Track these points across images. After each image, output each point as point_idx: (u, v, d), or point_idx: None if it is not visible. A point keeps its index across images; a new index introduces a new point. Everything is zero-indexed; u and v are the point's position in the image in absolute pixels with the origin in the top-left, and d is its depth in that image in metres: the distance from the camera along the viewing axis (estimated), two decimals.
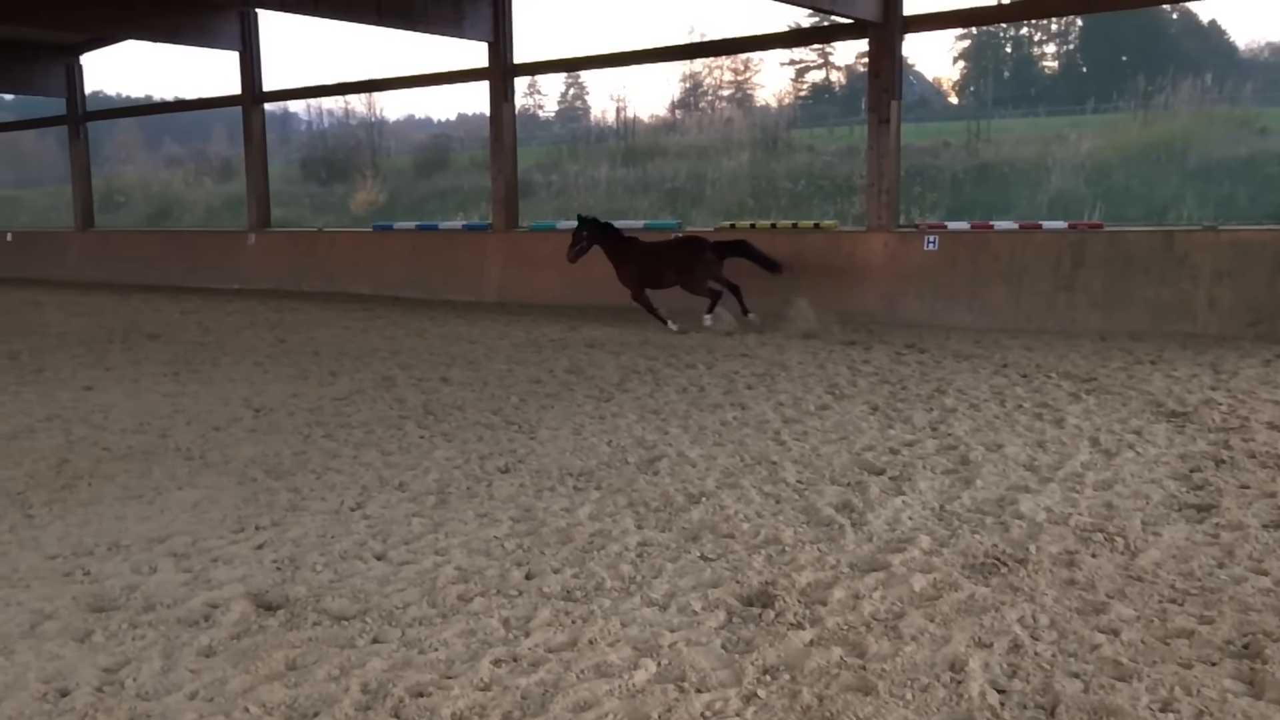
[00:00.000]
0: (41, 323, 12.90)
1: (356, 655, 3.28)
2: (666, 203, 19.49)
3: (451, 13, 13.63)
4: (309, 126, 43.07)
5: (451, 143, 31.08)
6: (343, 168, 29.59)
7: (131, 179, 34.98)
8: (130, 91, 35.52)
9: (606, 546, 4.29)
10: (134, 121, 29.12)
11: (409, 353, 9.88)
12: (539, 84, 49.90)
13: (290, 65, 41.99)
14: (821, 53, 42.90)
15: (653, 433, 6.35)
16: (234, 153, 30.32)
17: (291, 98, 18.86)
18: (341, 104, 39.87)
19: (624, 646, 3.32)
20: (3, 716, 2.91)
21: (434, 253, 15.56)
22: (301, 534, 4.53)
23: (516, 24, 14.76)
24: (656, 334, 10.72)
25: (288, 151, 35.06)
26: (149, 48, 20.85)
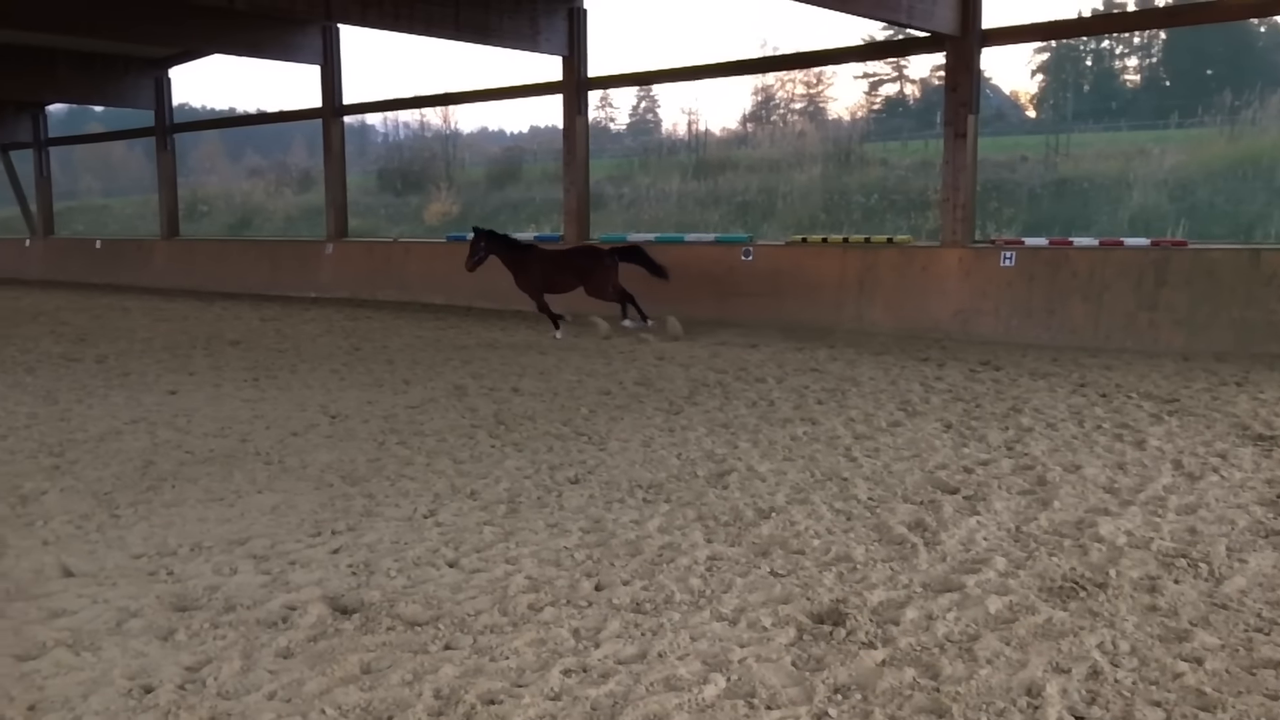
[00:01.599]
0: (128, 328, 13.29)
1: (429, 661, 3.33)
2: (737, 216, 19.45)
3: (527, 27, 13.79)
4: (385, 138, 43.88)
5: (524, 155, 31.43)
6: (418, 179, 30.07)
7: (215, 189, 35.95)
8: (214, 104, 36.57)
9: (676, 560, 4.29)
10: (217, 133, 29.98)
11: (480, 362, 9.99)
12: (611, 97, 50.21)
13: (368, 78, 42.94)
14: (896, 65, 42.52)
15: (722, 446, 6.34)
16: (313, 164, 30.99)
17: (370, 110, 19.23)
18: (417, 116, 40.58)
19: (693, 660, 3.32)
20: (89, 712, 3.00)
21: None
22: (376, 539, 4.60)
23: (590, 38, 14.90)
24: (728, 348, 10.71)
25: (365, 163, 35.76)
26: (232, 61, 21.50)
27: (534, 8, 13.88)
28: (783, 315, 12.50)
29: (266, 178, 36.65)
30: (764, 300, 12.77)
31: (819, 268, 12.47)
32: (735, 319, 12.76)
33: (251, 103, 59.04)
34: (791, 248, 13.02)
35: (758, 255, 13.08)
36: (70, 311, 15.69)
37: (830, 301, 12.18)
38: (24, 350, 11.02)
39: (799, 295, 12.53)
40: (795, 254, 12.83)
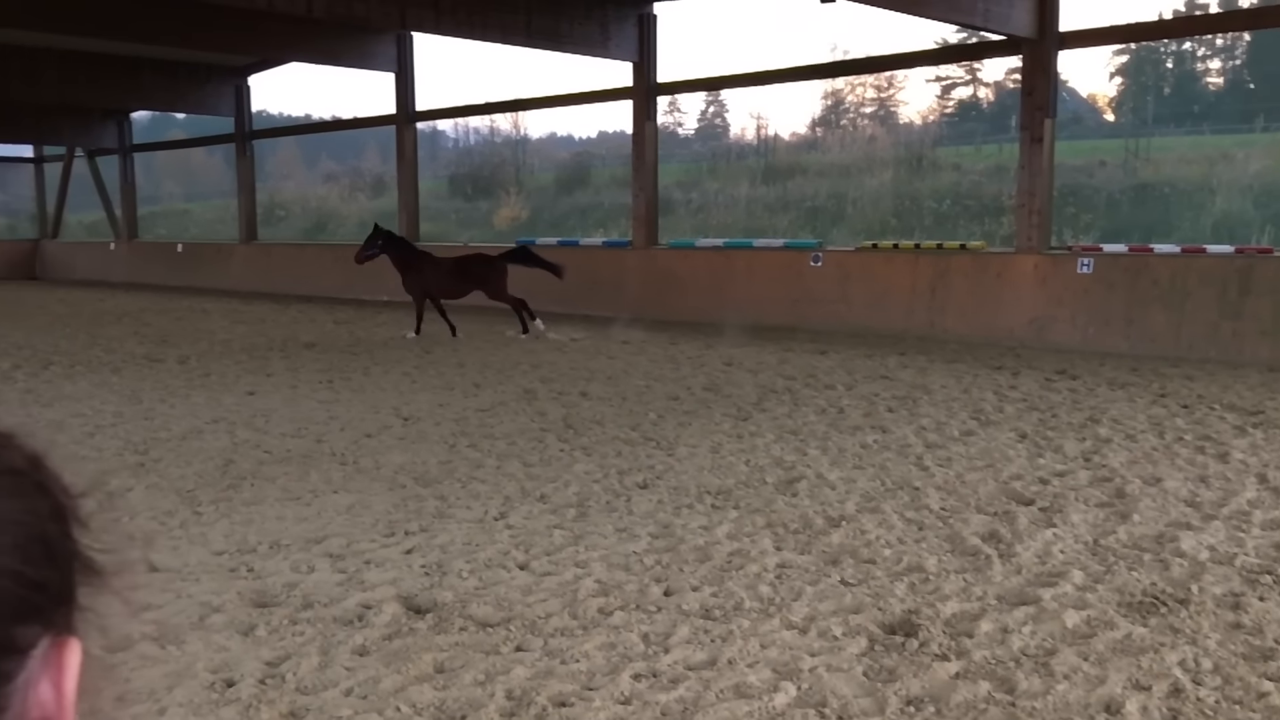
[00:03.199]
0: (208, 330, 13.64)
1: (501, 662, 3.37)
2: (806, 221, 19.33)
3: (598, 34, 13.88)
4: (456, 144, 44.44)
5: (592, 160, 31.59)
6: (488, 184, 30.40)
7: (291, 194, 36.72)
8: (290, 111, 37.35)
9: (745, 566, 4.28)
10: (294, 139, 30.59)
11: (549, 366, 10.07)
12: (679, 102, 50.22)
13: (439, 84, 43.54)
14: (969, 68, 41.89)
15: (791, 453, 6.31)
16: (385, 169, 31.52)
17: (443, 117, 19.51)
18: (487, 122, 41.01)
19: (763, 668, 3.31)
20: (174, 703, 3.09)
21: (574, 268, 15.80)
22: (448, 540, 4.66)
23: (659, 44, 14.95)
24: (797, 354, 10.65)
25: (436, 168, 36.23)
26: (308, 69, 22.01)
27: (604, 14, 13.96)
28: (852, 321, 12.40)
29: (341, 183, 37.33)
30: (833, 306, 12.69)
31: (889, 274, 12.35)
32: (804, 325, 12.69)
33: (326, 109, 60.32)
34: (861, 253, 12.91)
35: (827, 261, 13.00)
36: (153, 313, 16.15)
37: (901, 308, 12.05)
38: (109, 351, 11.36)
39: (869, 301, 12.42)
40: (865, 260, 12.72)
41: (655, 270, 14.78)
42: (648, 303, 14.63)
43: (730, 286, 13.69)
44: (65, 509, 0.62)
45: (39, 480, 0.61)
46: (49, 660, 0.59)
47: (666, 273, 14.59)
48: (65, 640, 0.60)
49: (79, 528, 0.62)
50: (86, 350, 11.38)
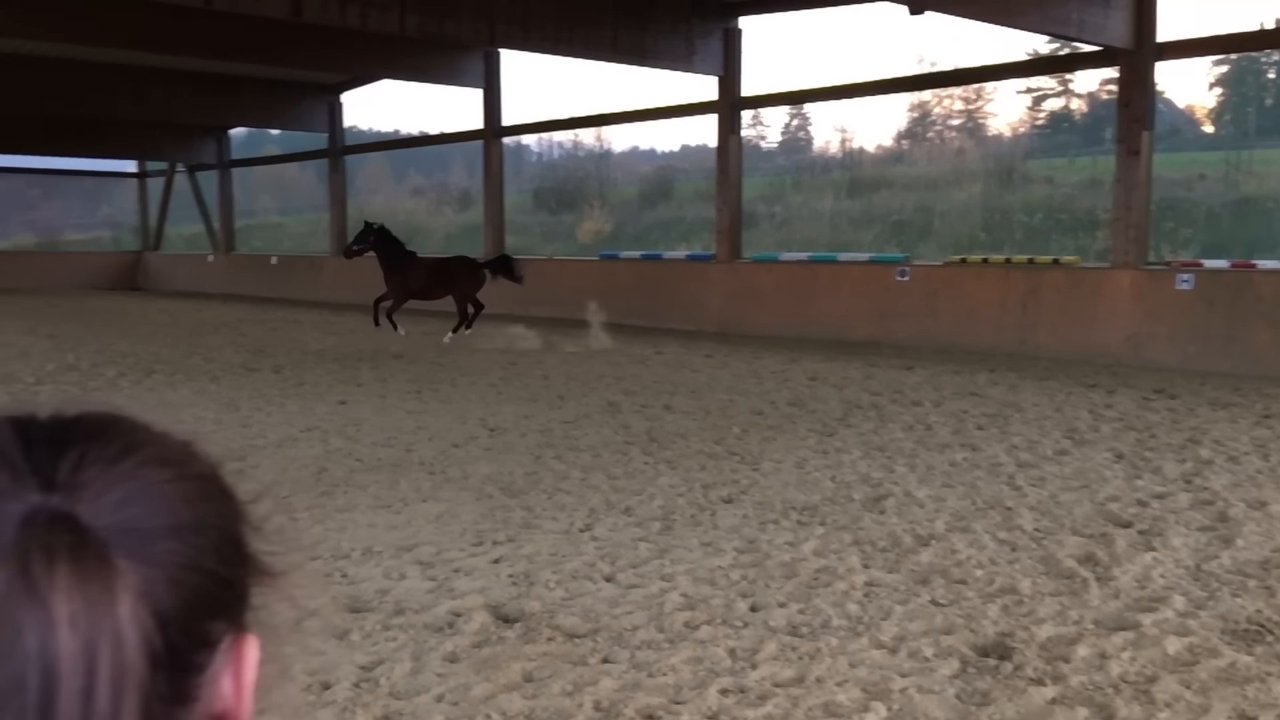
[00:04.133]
0: (301, 340, 14.00)
1: (589, 673, 3.38)
2: (892, 235, 19.09)
3: (683, 48, 13.93)
4: (540, 158, 44.90)
5: (675, 174, 31.65)
6: (571, 198, 30.65)
7: (380, 208, 37.47)
8: (378, 126, 38.15)
9: (832, 584, 4.24)
10: (382, 154, 31.21)
11: (632, 379, 10.10)
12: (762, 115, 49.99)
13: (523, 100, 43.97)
14: (1061, 79, 40.97)
15: (878, 470, 6.24)
16: (471, 184, 31.98)
17: (528, 132, 19.75)
18: (570, 136, 41.37)
19: (852, 687, 3.27)
20: (272, 705, 3.16)
21: (658, 282, 15.89)
22: (535, 551, 4.71)
23: (744, 57, 14.94)
24: (882, 370, 10.53)
25: (520, 182, 36.61)
26: (396, 85, 22.48)
27: (690, 29, 14.01)
28: (940, 337, 12.22)
29: (428, 197, 37.98)
30: (920, 321, 12.51)
31: (979, 289, 12.14)
32: (889, 340, 12.55)
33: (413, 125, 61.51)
34: (950, 268, 12.72)
35: (914, 275, 12.83)
36: (249, 324, 16.62)
37: (990, 324, 11.84)
38: (208, 360, 11.73)
39: (957, 317, 12.23)
40: (954, 274, 12.52)
41: (738, 284, 14.76)
42: (730, 316, 14.60)
43: (814, 301, 13.61)
44: (243, 513, 0.65)
45: (222, 485, 0.64)
46: (231, 656, 0.62)
47: (749, 287, 14.55)
48: (244, 637, 0.63)
49: (253, 530, 0.65)
50: (186, 359, 11.76)
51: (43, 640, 0.51)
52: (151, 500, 0.58)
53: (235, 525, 0.64)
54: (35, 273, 27.62)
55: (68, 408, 0.64)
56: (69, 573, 0.52)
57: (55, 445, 0.59)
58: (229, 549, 0.62)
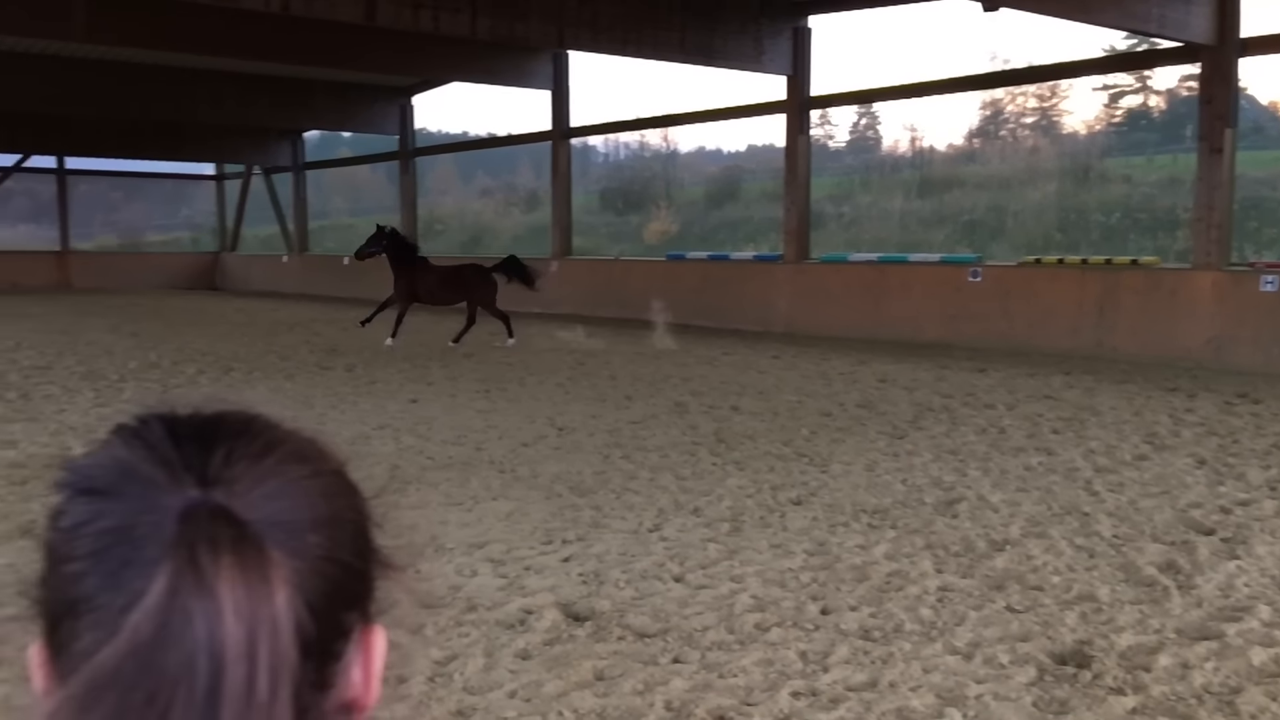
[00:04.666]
0: (373, 339, 14.20)
1: (659, 672, 3.39)
2: (964, 235, 18.81)
3: (751, 48, 13.89)
4: (606, 159, 45.06)
5: (742, 174, 31.54)
6: (638, 198, 30.71)
7: (449, 209, 37.92)
8: (447, 128, 38.61)
9: (905, 588, 4.19)
10: (451, 156, 31.59)
11: (699, 380, 10.09)
12: (830, 114, 49.50)
13: (589, 100, 44.17)
14: (1139, 76, 40.01)
15: (950, 474, 6.15)
16: (538, 185, 32.22)
17: (596, 133, 19.85)
18: (637, 137, 41.44)
19: (926, 693, 3.24)
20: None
21: (724, 283, 15.85)
22: (604, 550, 4.73)
23: (813, 57, 14.84)
24: (954, 372, 10.38)
25: (587, 183, 36.77)
26: (463, 88, 22.76)
27: (758, 29, 13.96)
28: (1013, 339, 12.01)
29: (496, 198, 38.33)
30: (993, 323, 12.32)
31: (1054, 290, 11.91)
32: (961, 341, 12.37)
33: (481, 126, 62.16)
34: (1024, 269, 12.51)
35: (986, 276, 12.64)
36: (322, 323, 16.94)
37: (1066, 326, 11.62)
38: (283, 358, 11.97)
39: (1031, 318, 12.01)
40: (1028, 275, 12.31)
41: (806, 285, 14.67)
42: (798, 318, 14.52)
43: (884, 302, 13.47)
44: (369, 507, 0.67)
45: (350, 481, 0.66)
46: (360, 645, 0.64)
47: (818, 287, 14.46)
48: (372, 627, 0.65)
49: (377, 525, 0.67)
50: (262, 357, 12.02)
51: (211, 628, 0.53)
52: (295, 495, 0.61)
53: (364, 519, 0.66)
54: (118, 272, 28.43)
55: (204, 405, 0.66)
56: (232, 564, 0.55)
57: (204, 442, 0.62)
58: (361, 542, 0.64)
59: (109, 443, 0.64)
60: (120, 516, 0.58)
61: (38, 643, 0.63)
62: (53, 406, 8.46)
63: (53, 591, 0.60)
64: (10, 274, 26.86)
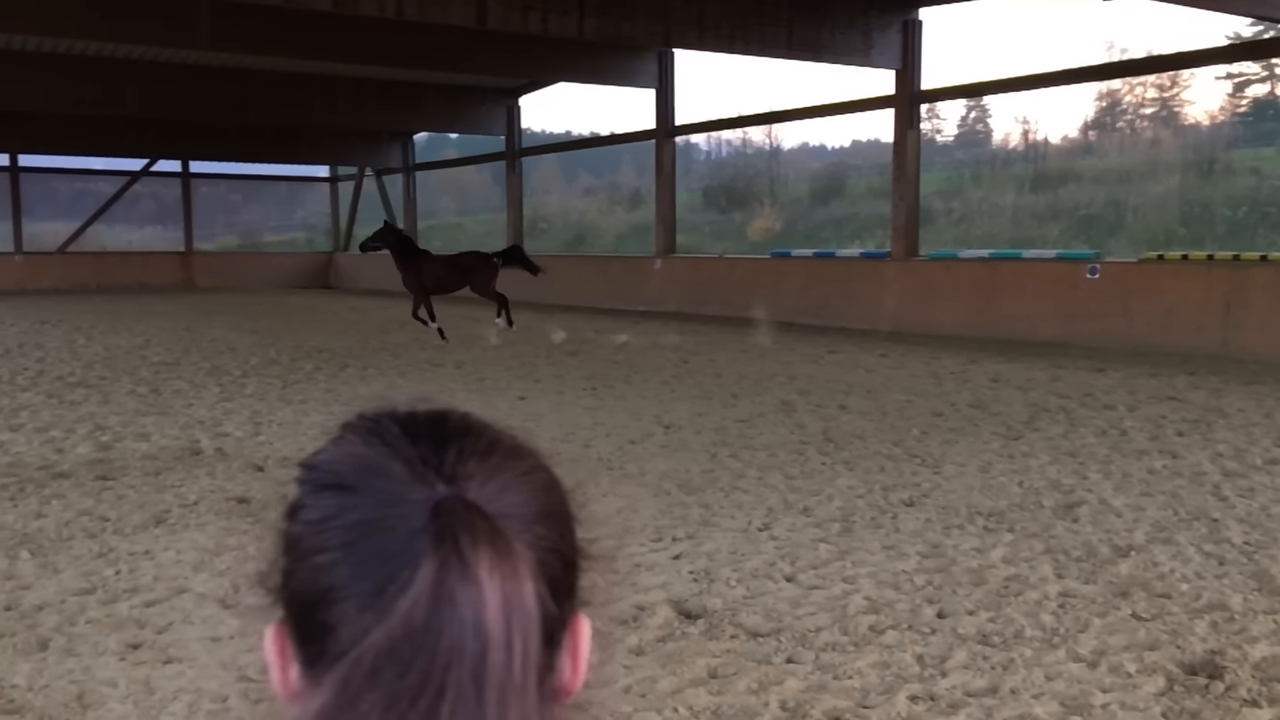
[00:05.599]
0: (480, 337, 14.47)
1: (773, 672, 3.38)
2: (1080, 231, 18.23)
3: (860, 42, 13.71)
4: (708, 156, 44.98)
5: (847, 170, 31.15)
6: (741, 196, 30.60)
7: (553, 208, 38.36)
8: (550, 128, 39.02)
9: (1024, 593, 4.10)
10: (553, 155, 31.96)
11: (806, 379, 10.01)
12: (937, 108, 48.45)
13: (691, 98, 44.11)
14: (1267, 64, 38.22)
15: (1069, 476, 5.98)
16: (641, 183, 32.37)
17: (702, 130, 19.85)
18: (739, 134, 41.26)
19: (1050, 700, 3.16)
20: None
21: (830, 280, 15.69)
22: (714, 549, 4.73)
23: (924, 50, 14.58)
24: (1070, 371, 10.09)
25: (689, 181, 36.75)
26: (566, 87, 23.00)
27: (867, 22, 13.77)
28: (1133, 338, 11.61)
29: (599, 197, 38.62)
30: (1111, 321, 11.93)
31: (1177, 287, 11.48)
32: (1077, 340, 12.01)
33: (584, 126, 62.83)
34: (1145, 265, 12.08)
35: (1105, 273, 12.24)
36: None
37: (1190, 324, 11.18)
38: (395, 356, 12.27)
39: (1153, 317, 11.60)
40: (1149, 272, 11.88)
41: (915, 282, 14.42)
42: (906, 316, 14.28)
43: (996, 299, 13.17)
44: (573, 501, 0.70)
45: (557, 476, 0.69)
46: (570, 633, 0.67)
47: (927, 285, 14.20)
48: (579, 616, 0.68)
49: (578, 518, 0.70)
50: (376, 354, 12.34)
51: (476, 614, 0.57)
52: (521, 489, 0.65)
53: (572, 512, 0.69)
54: (237, 272, 29.52)
55: (417, 405, 0.70)
56: (489, 554, 0.58)
57: (437, 440, 0.66)
58: (571, 534, 0.67)
59: (342, 441, 0.68)
60: (369, 510, 0.62)
61: (273, 628, 0.67)
62: (181, 401, 8.83)
63: (299, 581, 0.64)
64: (138, 274, 28.13)
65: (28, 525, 5.09)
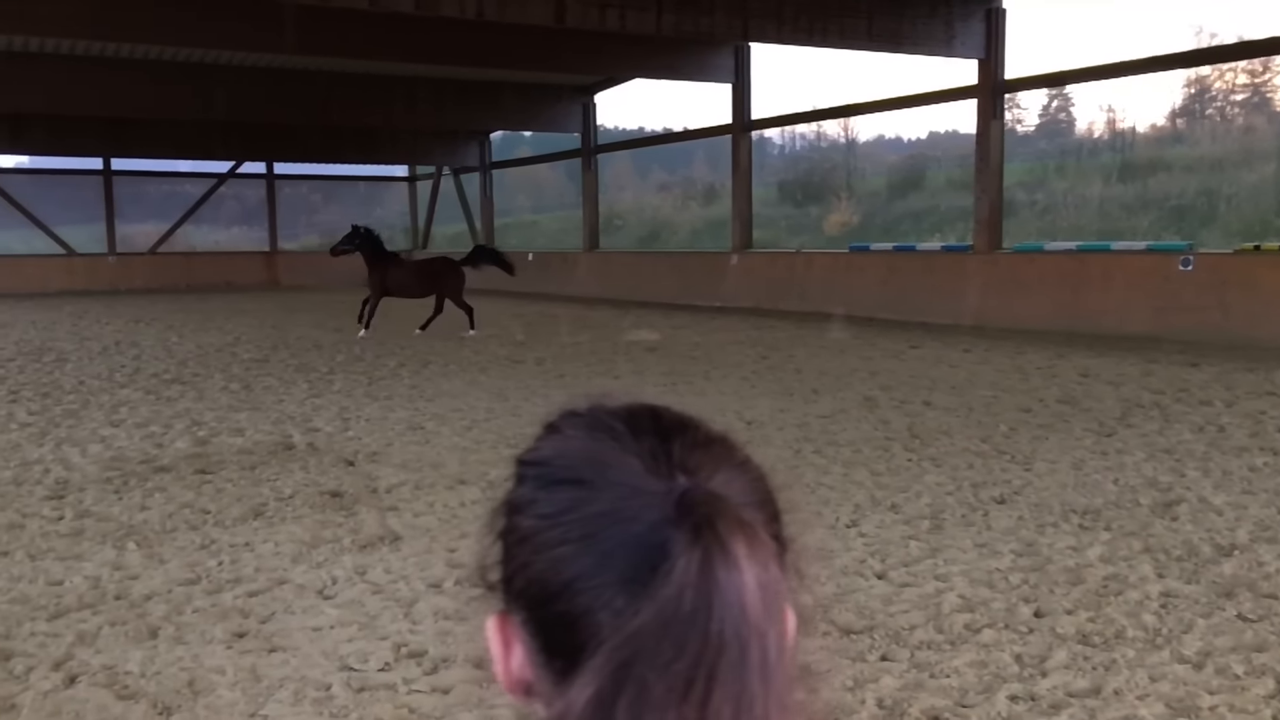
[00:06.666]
0: (557, 333, 14.59)
1: (868, 670, 3.35)
2: (1170, 222, 17.72)
3: (942, 32, 13.50)
4: (782, 150, 44.68)
5: (926, 162, 30.71)
6: (817, 190, 30.37)
7: (627, 204, 38.46)
8: (623, 124, 39.12)
9: (1124, 593, 4.01)
10: (628, 151, 32.06)
11: (888, 374, 9.90)
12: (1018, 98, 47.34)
13: (765, 92, 43.83)
14: None
15: (1166, 474, 5.83)
16: (715, 178, 32.29)
17: (779, 125, 19.72)
18: (813, 128, 40.88)
19: (1155, 702, 3.09)
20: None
21: (911, 274, 15.48)
22: (802, 545, 4.70)
23: (1007, 39, 14.30)
24: (1163, 366, 9.83)
25: (763, 175, 36.56)
26: (640, 84, 23.07)
27: (949, 11, 13.55)
28: (1229, 331, 11.26)
29: (673, 193, 38.61)
30: (1206, 314, 11.58)
31: (1275, 279, 11.10)
32: (1170, 334, 11.68)
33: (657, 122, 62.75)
34: (1241, 257, 11.70)
35: (1199, 265, 11.89)
36: (508, 318, 17.46)
37: None
38: (476, 352, 12.42)
39: (1251, 310, 11.23)
40: (1246, 264, 11.51)
41: (999, 276, 14.16)
42: (989, 310, 14.03)
43: (1083, 293, 12.87)
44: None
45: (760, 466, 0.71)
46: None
47: (1011, 278, 13.93)
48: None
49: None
50: (457, 351, 12.51)
51: (740, 600, 0.58)
52: (740, 478, 0.66)
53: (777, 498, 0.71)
54: (320, 271, 30.13)
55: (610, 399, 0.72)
56: (744, 541, 0.60)
57: (659, 434, 0.67)
58: (780, 522, 0.69)
59: (563, 436, 0.70)
60: (607, 502, 0.64)
61: (495, 619, 0.69)
62: (272, 397, 9.05)
63: (535, 574, 0.67)
64: (225, 273, 28.89)
65: (133, 517, 5.27)
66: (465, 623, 3.80)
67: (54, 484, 6.00)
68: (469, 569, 0.81)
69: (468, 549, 4.69)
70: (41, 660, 3.51)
